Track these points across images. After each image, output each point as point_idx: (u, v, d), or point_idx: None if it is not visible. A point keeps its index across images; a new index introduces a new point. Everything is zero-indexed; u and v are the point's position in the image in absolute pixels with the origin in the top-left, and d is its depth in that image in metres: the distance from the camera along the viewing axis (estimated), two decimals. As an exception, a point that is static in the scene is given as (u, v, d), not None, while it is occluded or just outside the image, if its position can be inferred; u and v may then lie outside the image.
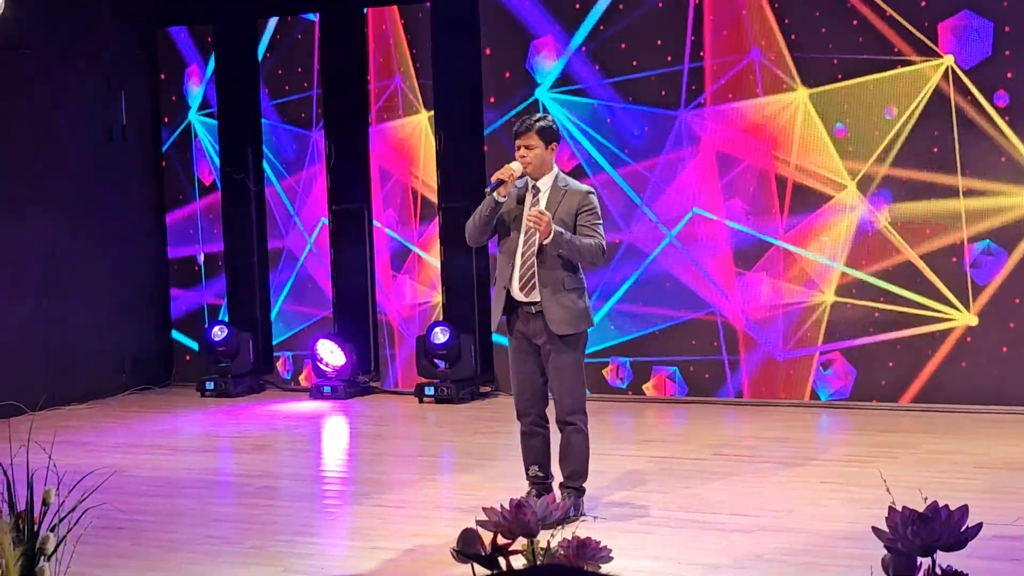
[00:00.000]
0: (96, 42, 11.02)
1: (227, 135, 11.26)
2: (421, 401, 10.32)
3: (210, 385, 11.00)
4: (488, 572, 3.45)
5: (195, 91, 11.36)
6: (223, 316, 11.32)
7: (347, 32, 10.80)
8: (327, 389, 10.64)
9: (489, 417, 9.66)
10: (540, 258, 6.63)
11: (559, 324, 6.64)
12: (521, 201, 6.73)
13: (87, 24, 10.97)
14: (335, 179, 10.91)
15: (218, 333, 11.03)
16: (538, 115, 6.86)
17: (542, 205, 6.67)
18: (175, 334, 11.62)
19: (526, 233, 6.67)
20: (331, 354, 10.70)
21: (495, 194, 6.63)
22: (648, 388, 9.93)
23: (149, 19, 11.44)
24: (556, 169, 6.79)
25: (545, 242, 6.54)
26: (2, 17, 8.70)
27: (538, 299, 6.65)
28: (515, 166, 6.67)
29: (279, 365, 11.24)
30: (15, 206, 10.37)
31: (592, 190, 6.80)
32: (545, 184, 6.72)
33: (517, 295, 6.70)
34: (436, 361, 10.29)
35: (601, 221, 6.74)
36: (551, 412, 6.88)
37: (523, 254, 6.68)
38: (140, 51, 11.39)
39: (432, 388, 10.28)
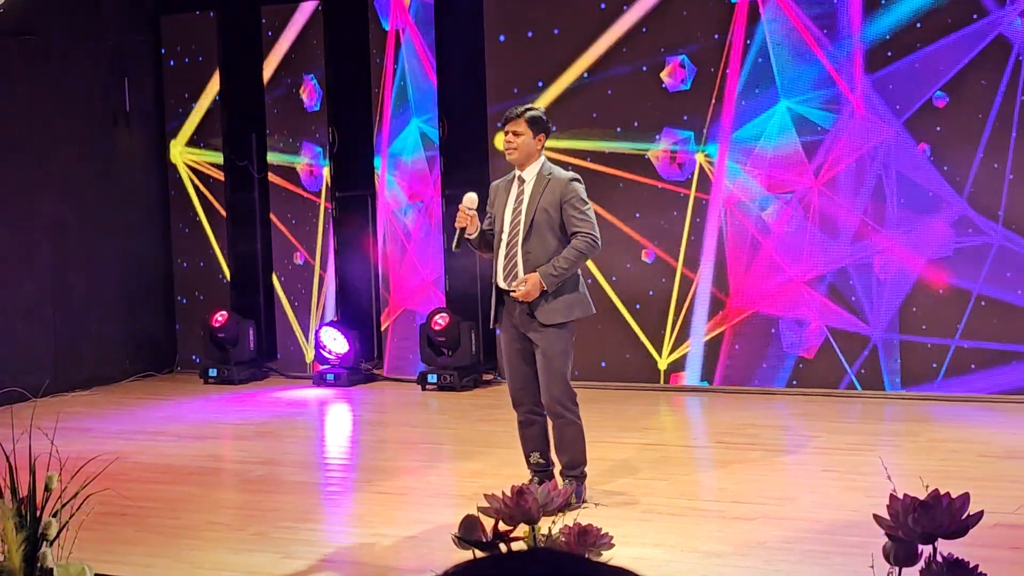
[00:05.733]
0: (101, 27, 11.03)
1: (230, 121, 11.26)
2: (424, 389, 10.32)
3: (213, 372, 11.01)
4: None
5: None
6: (227, 303, 11.32)
7: (350, 19, 10.80)
8: (330, 376, 10.65)
9: (491, 405, 9.66)
10: (524, 248, 6.65)
11: (547, 313, 6.63)
12: (508, 191, 6.76)
13: (92, 10, 10.97)
14: (339, 166, 10.90)
15: (219, 320, 11.04)
16: (528, 105, 6.90)
17: (526, 195, 6.70)
18: (178, 320, 11.62)
19: (511, 224, 6.69)
20: (334, 341, 10.71)
21: (464, 236, 6.70)
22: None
23: (153, 5, 11.44)
24: (543, 159, 6.80)
25: (548, 289, 6.57)
26: (4, 7, 8.70)
27: None
28: (467, 200, 6.71)
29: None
30: (21, 192, 10.37)
31: (577, 177, 6.78)
32: (530, 174, 6.73)
33: (502, 284, 6.73)
34: (441, 348, 10.30)
35: (589, 206, 6.72)
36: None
37: (507, 243, 6.70)
38: (144, 36, 11.39)
39: (435, 376, 10.29)
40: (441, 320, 10.25)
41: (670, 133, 9.79)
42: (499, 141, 6.76)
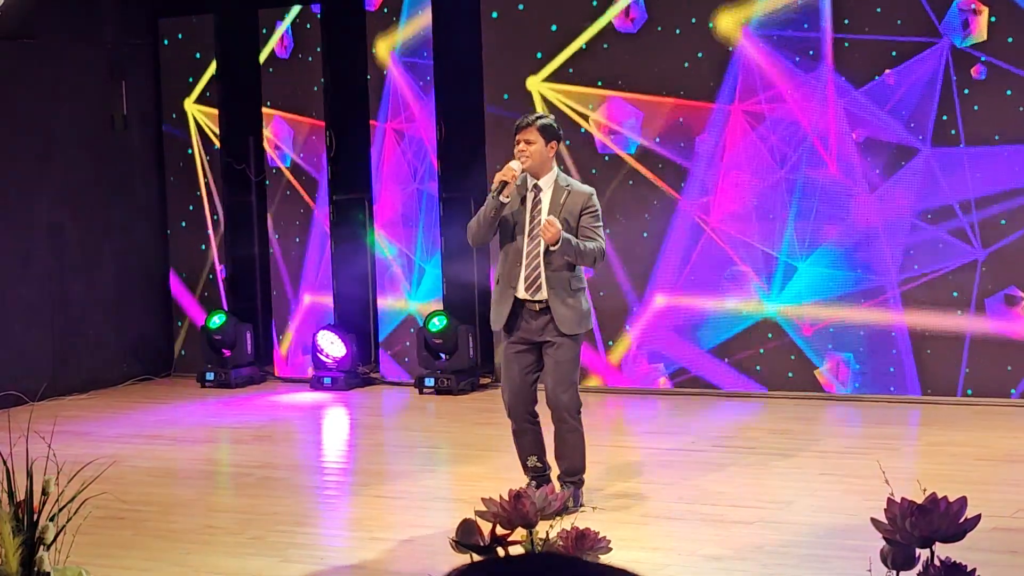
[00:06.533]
0: (98, 31, 11.03)
1: (228, 125, 11.26)
2: (421, 392, 10.31)
3: (210, 376, 10.99)
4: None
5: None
6: (223, 306, 11.31)
7: (346, 23, 10.80)
8: (327, 380, 10.63)
9: (488, 408, 9.65)
10: (547, 259, 6.65)
11: (568, 324, 6.67)
12: (523, 200, 6.74)
13: (90, 13, 10.97)
14: (336, 170, 10.90)
15: (216, 323, 11.02)
16: (540, 112, 6.88)
17: (544, 204, 6.69)
18: (176, 324, 11.61)
19: (531, 234, 6.68)
20: (331, 345, 10.70)
21: (500, 196, 6.63)
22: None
23: (151, 8, 11.44)
24: (556, 168, 6.80)
25: (552, 248, 6.56)
26: (2, 10, 8.69)
27: (543, 298, 6.67)
28: (515, 165, 6.67)
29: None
30: (19, 195, 10.36)
31: (594, 191, 6.82)
32: (547, 183, 6.73)
33: (522, 294, 6.72)
34: (438, 351, 10.29)
35: (602, 224, 6.78)
36: (541, 408, 6.87)
37: (528, 254, 6.69)
38: (143, 39, 11.39)
39: (432, 379, 10.28)
40: (439, 323, 10.24)
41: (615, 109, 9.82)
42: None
